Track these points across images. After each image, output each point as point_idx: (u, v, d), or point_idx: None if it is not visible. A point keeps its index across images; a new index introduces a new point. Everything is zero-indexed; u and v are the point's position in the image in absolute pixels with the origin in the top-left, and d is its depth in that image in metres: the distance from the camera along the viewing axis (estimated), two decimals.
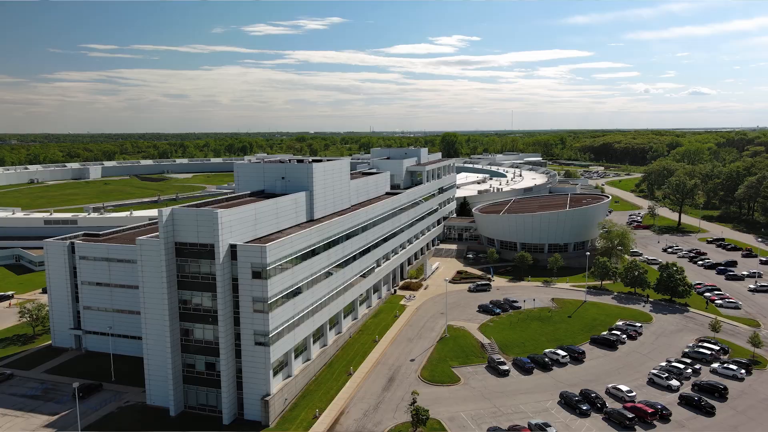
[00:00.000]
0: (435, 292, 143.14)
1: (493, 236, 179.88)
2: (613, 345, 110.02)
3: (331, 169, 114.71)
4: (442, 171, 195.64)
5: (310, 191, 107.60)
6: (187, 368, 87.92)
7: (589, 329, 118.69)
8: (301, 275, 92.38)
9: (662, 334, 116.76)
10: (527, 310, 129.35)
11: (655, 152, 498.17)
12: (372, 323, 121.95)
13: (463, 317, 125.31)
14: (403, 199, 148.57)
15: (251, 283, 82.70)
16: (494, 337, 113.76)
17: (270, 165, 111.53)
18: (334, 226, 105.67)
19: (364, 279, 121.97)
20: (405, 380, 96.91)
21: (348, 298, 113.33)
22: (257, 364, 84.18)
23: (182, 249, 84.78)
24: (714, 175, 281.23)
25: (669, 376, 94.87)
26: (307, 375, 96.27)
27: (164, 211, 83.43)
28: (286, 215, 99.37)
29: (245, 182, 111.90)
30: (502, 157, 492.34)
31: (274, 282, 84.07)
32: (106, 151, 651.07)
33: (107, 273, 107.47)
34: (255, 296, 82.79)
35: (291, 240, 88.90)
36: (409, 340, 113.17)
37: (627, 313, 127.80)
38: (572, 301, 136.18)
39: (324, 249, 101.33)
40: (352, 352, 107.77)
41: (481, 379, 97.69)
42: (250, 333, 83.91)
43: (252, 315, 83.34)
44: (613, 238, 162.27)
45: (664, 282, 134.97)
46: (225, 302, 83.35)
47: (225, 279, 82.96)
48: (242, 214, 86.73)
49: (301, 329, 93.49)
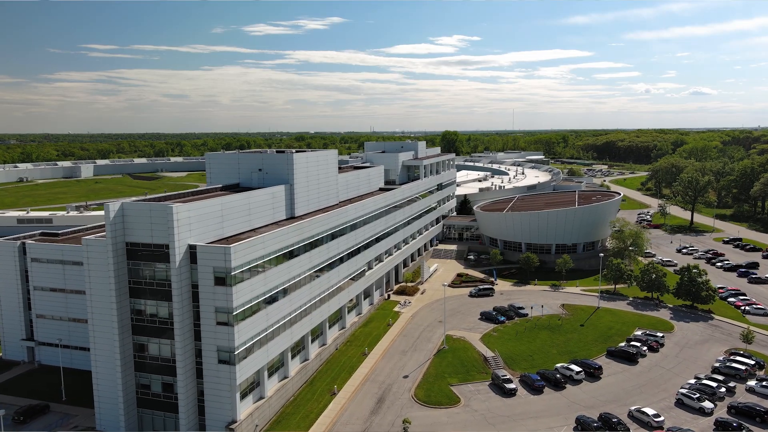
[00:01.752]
0: (433, 297, 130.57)
1: (496, 236, 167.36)
2: (633, 358, 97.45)
3: (315, 161, 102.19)
4: (441, 166, 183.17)
5: (291, 184, 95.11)
6: (142, 389, 75.47)
7: (605, 340, 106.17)
8: (276, 281, 79.88)
9: (687, 346, 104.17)
10: (535, 317, 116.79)
11: (659, 150, 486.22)
12: (362, 333, 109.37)
13: (463, 326, 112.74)
14: (397, 195, 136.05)
15: (214, 291, 70.24)
16: (498, 349, 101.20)
17: (246, 155, 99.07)
18: (317, 224, 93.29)
19: (353, 283, 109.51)
20: (397, 401, 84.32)
21: (334, 306, 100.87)
22: (221, 385, 71.69)
23: (134, 250, 72.37)
24: (725, 172, 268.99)
25: (701, 397, 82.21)
26: (283, 395, 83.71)
27: (112, 205, 70.97)
28: (261, 211, 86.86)
29: (218, 175, 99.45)
30: (503, 155, 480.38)
31: (242, 289, 71.60)
32: (101, 150, 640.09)
33: (62, 277, 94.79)
34: (218, 306, 70.35)
35: (263, 240, 76.41)
36: (402, 353, 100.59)
37: (645, 321, 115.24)
38: (584, 307, 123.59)
39: (305, 250, 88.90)
40: (338, 366, 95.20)
41: (483, 399, 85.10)
42: (212, 349, 71.44)
43: (215, 328, 70.87)
44: (625, 238, 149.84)
45: (685, 286, 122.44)
46: (183, 313, 70.90)
47: (182, 286, 70.50)
48: (205, 209, 74.27)
49: (277, 343, 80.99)
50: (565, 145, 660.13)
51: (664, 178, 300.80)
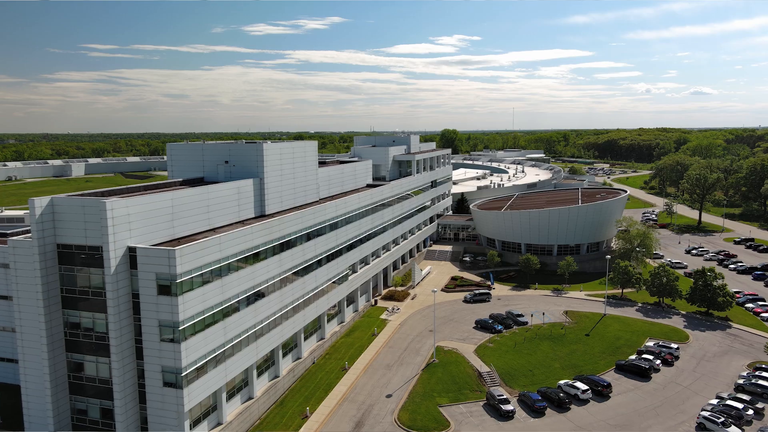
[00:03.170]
0: (424, 303, 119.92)
1: (494, 236, 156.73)
2: (646, 374, 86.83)
3: (290, 152, 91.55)
4: (436, 162, 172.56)
5: (261, 178, 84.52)
6: (78, 415, 64.89)
7: (613, 351, 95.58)
8: (236, 288, 69.32)
9: (704, 358, 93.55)
10: (535, 326, 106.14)
11: (662, 149, 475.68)
12: (343, 344, 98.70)
13: (456, 336, 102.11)
14: (386, 191, 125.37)
15: (157, 301, 59.67)
16: (494, 363, 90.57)
17: (211, 145, 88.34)
18: (289, 223, 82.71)
19: (334, 289, 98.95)
20: (377, 425, 73.67)
21: (311, 314, 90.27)
22: (167, 411, 61.09)
23: (67, 253, 61.77)
24: (733, 169, 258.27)
25: (726, 421, 71.56)
26: (247, 419, 73.10)
27: (38, 200, 60.37)
28: (223, 209, 76.25)
29: (180, 168, 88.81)
30: (503, 153, 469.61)
31: (191, 299, 61.03)
32: (96, 149, 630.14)
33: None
34: (162, 319, 59.77)
35: (219, 241, 65.83)
36: (387, 368, 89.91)
37: (657, 330, 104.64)
38: (589, 314, 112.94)
39: (274, 253, 78.33)
40: (314, 384, 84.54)
41: (477, 423, 74.45)
42: (156, 370, 60.86)
43: (159, 345, 60.30)
44: (633, 238, 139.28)
45: (700, 291, 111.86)
46: (120, 327, 60.32)
47: (120, 295, 59.93)
48: (150, 205, 63.68)
49: (238, 360, 70.44)
50: (566, 143, 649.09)
51: (668, 176, 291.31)
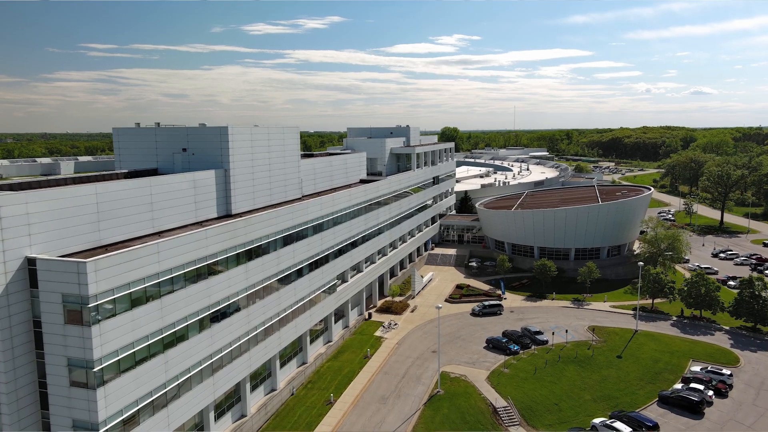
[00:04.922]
0: (425, 317, 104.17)
1: (503, 238, 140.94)
2: (697, 409, 71.03)
3: (265, 139, 75.61)
4: (438, 156, 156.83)
5: (227, 170, 68.69)
6: None
7: (652, 378, 79.81)
8: (183, 310, 53.48)
9: (764, 387, 77.78)
10: (557, 345, 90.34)
11: (668, 147, 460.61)
12: (330, 369, 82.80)
13: (464, 359, 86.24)
14: (382, 188, 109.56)
15: (64, 332, 43.88)
16: (512, 394, 74.75)
17: (165, 130, 72.24)
18: (260, 224, 66.94)
19: (319, 302, 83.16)
20: None
21: (288, 336, 74.46)
22: None
23: None
24: (752, 167, 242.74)
25: None
26: None
27: None
28: (173, 207, 60.37)
29: (129, 157, 72.90)
30: (505, 152, 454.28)
31: (114, 328, 45.22)
32: (91, 147, 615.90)
33: None
34: (72, 357, 43.96)
35: (157, 249, 49.95)
36: (381, 401, 73.98)
37: (700, 350, 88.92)
38: (618, 330, 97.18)
39: (239, 262, 62.56)
40: (291, 423, 68.62)
41: None
42: (66, 424, 45.02)
43: (68, 392, 44.48)
44: (660, 241, 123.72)
45: (746, 303, 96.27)
46: (15, 367, 44.47)
47: (13, 323, 44.09)
48: (63, 201, 47.79)
49: (187, 403, 54.59)
50: (569, 141, 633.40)
51: (681, 174, 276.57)
